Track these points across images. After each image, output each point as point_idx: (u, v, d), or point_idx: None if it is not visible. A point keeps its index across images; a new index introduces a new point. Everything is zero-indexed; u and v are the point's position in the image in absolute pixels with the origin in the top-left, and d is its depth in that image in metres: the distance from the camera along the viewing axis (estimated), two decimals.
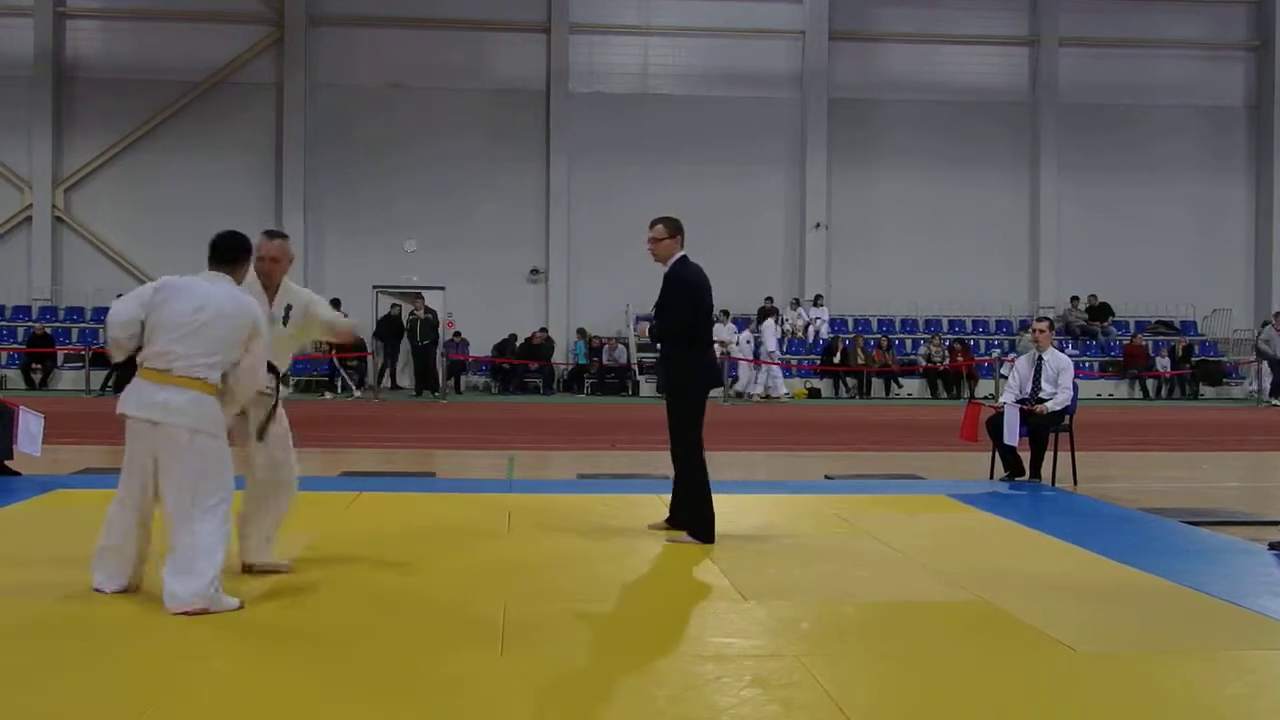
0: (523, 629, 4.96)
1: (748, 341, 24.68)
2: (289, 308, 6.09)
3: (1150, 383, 26.71)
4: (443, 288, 26.30)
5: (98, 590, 5.31)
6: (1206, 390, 26.77)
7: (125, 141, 26.94)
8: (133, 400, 5.22)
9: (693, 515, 7.06)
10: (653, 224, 7.38)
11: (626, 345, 26.25)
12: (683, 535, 7.06)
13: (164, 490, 5.19)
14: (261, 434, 5.84)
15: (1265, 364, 24.68)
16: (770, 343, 24.95)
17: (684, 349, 7.19)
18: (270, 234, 6.08)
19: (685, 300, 7.15)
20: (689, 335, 7.18)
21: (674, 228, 7.31)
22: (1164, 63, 28.39)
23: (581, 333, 26.09)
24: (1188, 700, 4.15)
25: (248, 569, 5.83)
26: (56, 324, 26.08)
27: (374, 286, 26.68)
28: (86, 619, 5.03)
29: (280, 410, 5.95)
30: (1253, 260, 28.72)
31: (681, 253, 7.29)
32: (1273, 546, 6.86)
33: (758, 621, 5.18)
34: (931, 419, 18.66)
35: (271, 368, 5.77)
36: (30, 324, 25.82)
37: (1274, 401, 24.12)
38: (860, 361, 26.00)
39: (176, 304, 5.24)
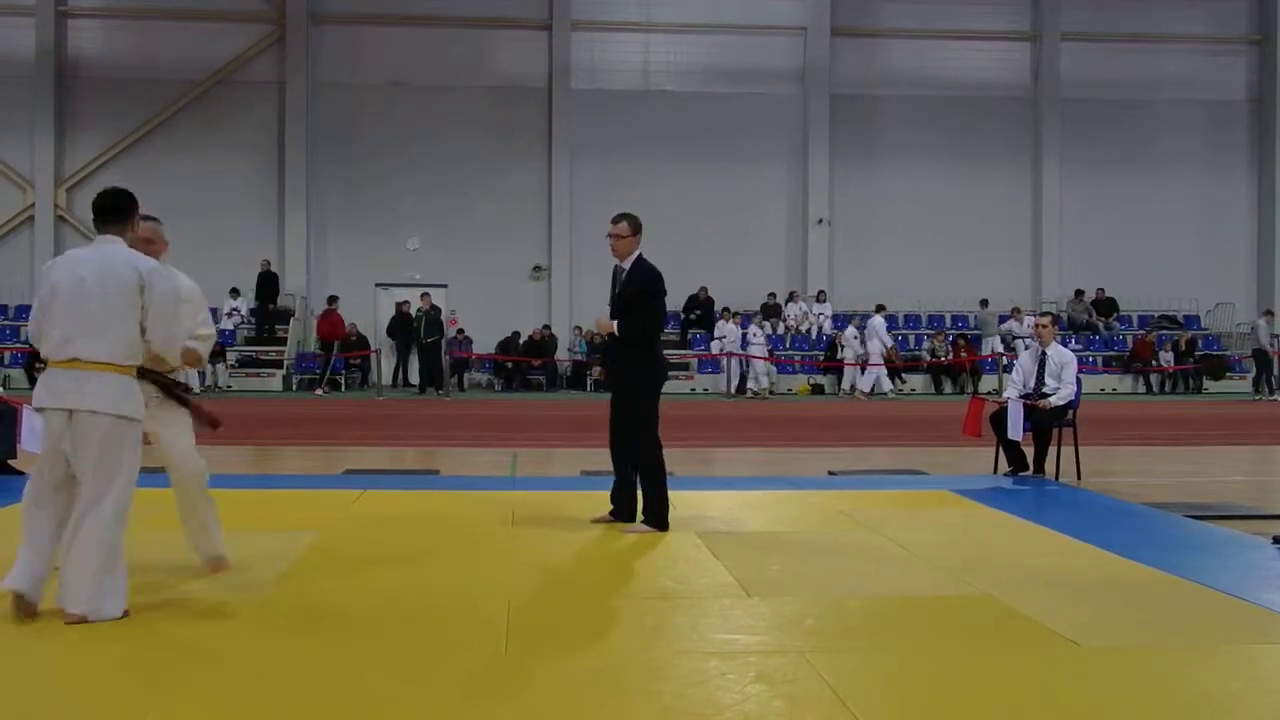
0: (527, 626, 4.96)
1: (753, 336, 24.62)
2: None
3: (1153, 377, 26.68)
4: (445, 285, 26.31)
5: None
6: (1210, 384, 26.69)
7: (127, 141, 26.96)
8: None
9: (654, 506, 7.23)
10: (616, 220, 7.45)
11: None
12: (639, 525, 7.22)
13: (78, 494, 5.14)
14: None
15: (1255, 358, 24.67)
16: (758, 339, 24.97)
17: (647, 348, 7.33)
18: (144, 216, 5.58)
19: (660, 299, 7.34)
20: (657, 334, 7.39)
21: (636, 225, 7.43)
22: (1166, 57, 28.34)
23: (580, 329, 26.12)
24: (1192, 695, 4.14)
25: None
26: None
27: (376, 284, 26.71)
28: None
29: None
30: (1255, 254, 28.69)
31: (640, 250, 7.40)
32: (1277, 540, 6.85)
33: (762, 617, 5.18)
34: (935, 414, 18.65)
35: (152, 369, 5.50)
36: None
37: (1271, 396, 24.07)
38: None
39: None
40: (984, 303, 26.94)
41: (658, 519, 7.20)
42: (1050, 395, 10.08)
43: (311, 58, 27.16)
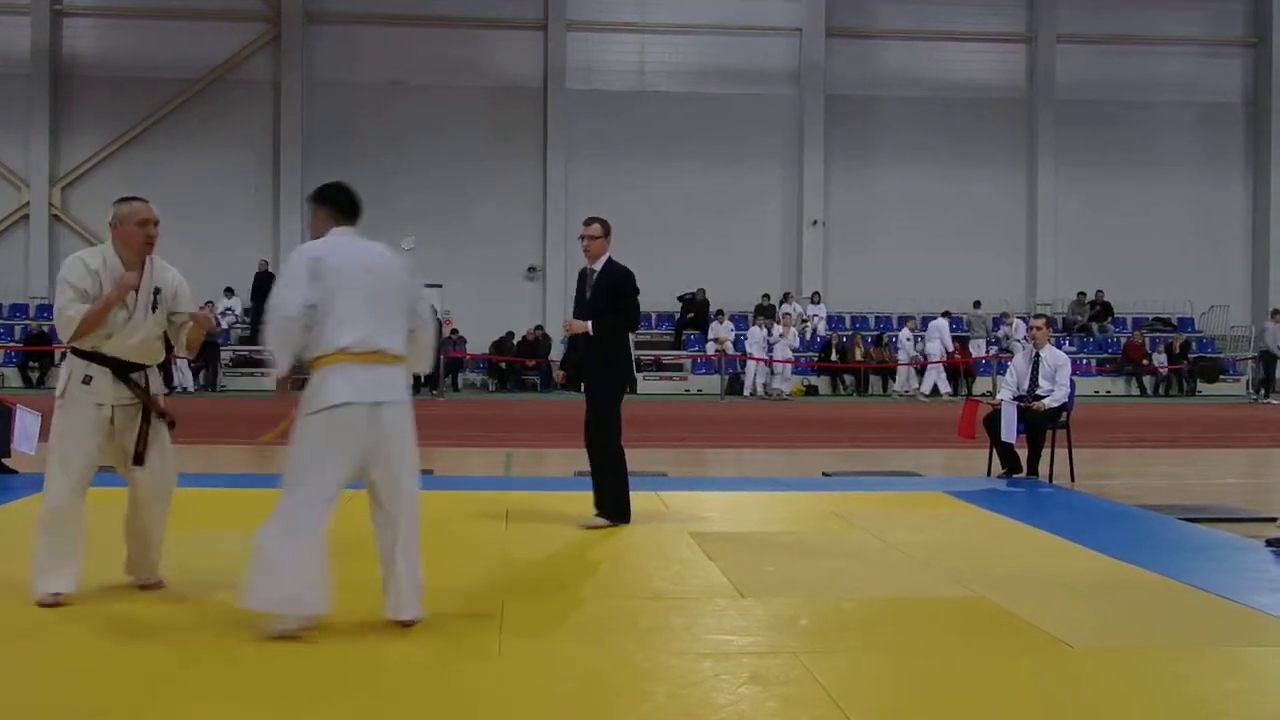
0: (520, 626, 4.96)
1: (774, 338, 24.67)
2: (158, 290, 5.35)
3: (1147, 380, 26.70)
4: (440, 285, 26.26)
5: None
6: (1204, 387, 26.72)
7: (123, 139, 26.95)
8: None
9: (614, 498, 7.38)
10: (589, 222, 7.56)
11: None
12: (595, 518, 7.34)
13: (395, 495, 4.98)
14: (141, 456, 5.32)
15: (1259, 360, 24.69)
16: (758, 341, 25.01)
17: (621, 346, 7.44)
18: (133, 198, 5.35)
19: (635, 298, 7.45)
20: (628, 334, 7.55)
21: (608, 228, 7.55)
22: (1161, 59, 28.34)
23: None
24: (1184, 697, 4.15)
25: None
26: (53, 322, 26.04)
27: None
28: (96, 615, 5.04)
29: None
30: (1250, 256, 28.70)
31: (609, 252, 7.51)
32: (1270, 543, 6.85)
33: (756, 619, 5.18)
34: (929, 416, 18.66)
35: (138, 367, 5.30)
36: (28, 322, 25.81)
37: (1266, 399, 24.15)
38: (857, 358, 26.00)
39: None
40: (977, 304, 26.97)
41: (613, 511, 7.36)
42: (1044, 397, 10.09)
43: (307, 57, 27.16)
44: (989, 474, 10.30)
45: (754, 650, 4.67)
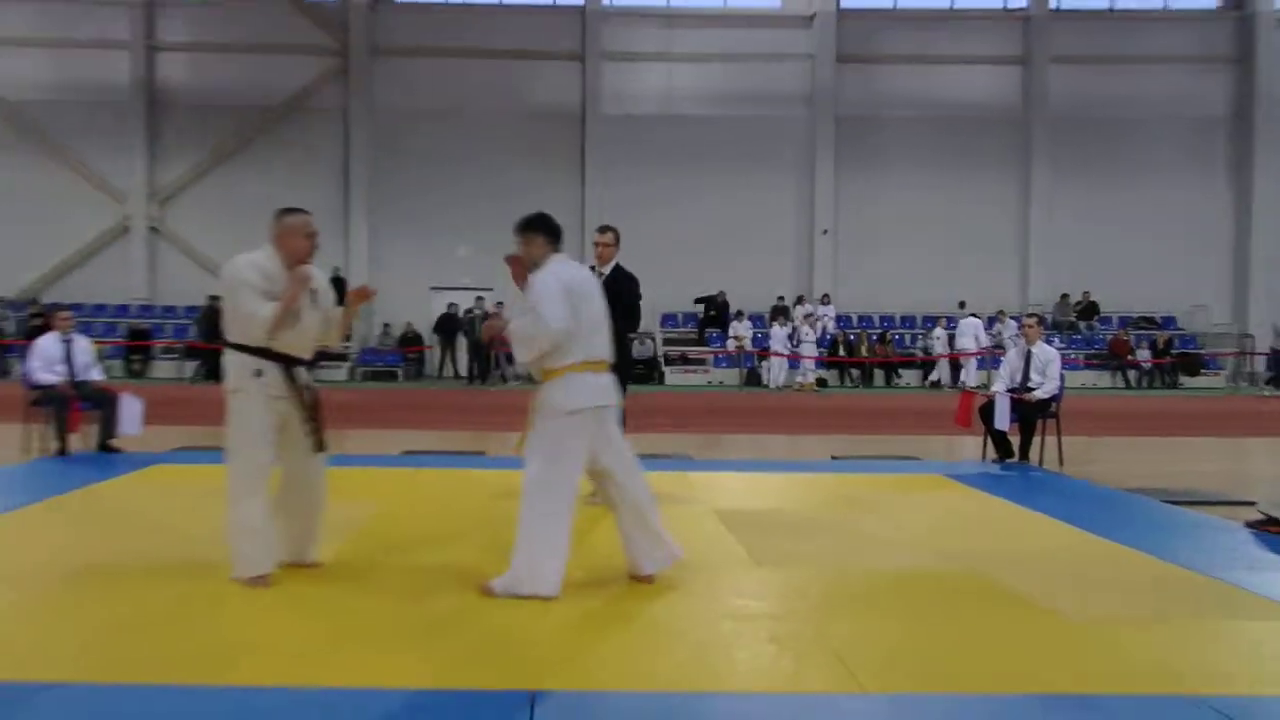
0: (566, 589, 4.94)
1: (805, 335, 24.62)
2: (314, 291, 5.29)
3: (1132, 373, 26.40)
4: (490, 289, 26.32)
5: None
6: (1185, 380, 26.40)
7: (210, 161, 27.18)
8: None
9: None
10: (604, 230, 7.59)
11: (653, 339, 26.18)
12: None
13: (625, 475, 5.08)
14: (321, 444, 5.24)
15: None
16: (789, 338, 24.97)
17: (623, 345, 7.35)
18: (297, 210, 5.27)
19: (639, 304, 7.49)
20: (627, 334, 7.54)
21: (618, 237, 7.61)
22: (1149, 77, 27.87)
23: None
24: (1169, 665, 4.10)
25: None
26: (152, 321, 26.37)
27: (430, 287, 26.75)
28: (177, 573, 5.08)
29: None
30: (1231, 259, 28.20)
31: (618, 259, 7.57)
32: (1249, 524, 6.75)
33: (772, 586, 5.17)
34: (929, 406, 18.54)
35: (299, 361, 5.21)
36: (129, 321, 26.11)
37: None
38: (863, 354, 25.93)
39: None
40: (962, 304, 26.80)
41: None
42: (1035, 389, 10.01)
43: (372, 86, 27.29)
44: (984, 459, 10.23)
45: (770, 614, 4.67)
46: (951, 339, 25.34)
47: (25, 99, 26.83)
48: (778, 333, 24.64)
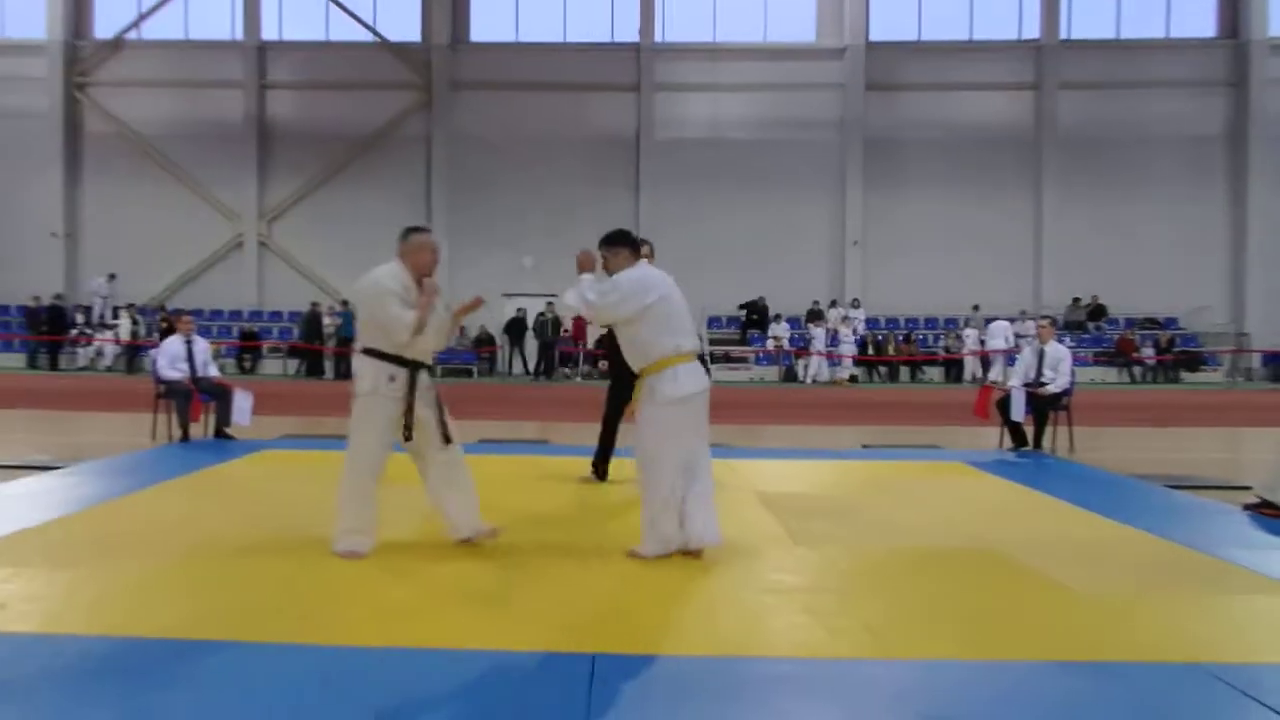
0: (613, 564, 4.95)
1: (844, 337, 24.46)
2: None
3: (1137, 369, 25.89)
4: (555, 295, 26.44)
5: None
6: (1186, 376, 25.86)
7: (311, 184, 27.59)
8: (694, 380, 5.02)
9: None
10: (643, 241, 7.40)
11: (701, 339, 26.14)
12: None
13: (702, 451, 5.11)
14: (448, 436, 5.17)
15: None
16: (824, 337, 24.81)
17: None
18: (421, 228, 5.26)
19: None
20: None
21: (653, 249, 7.33)
22: (1152, 100, 27.30)
23: None
24: (1171, 634, 3.99)
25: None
26: (261, 324, 26.82)
27: (502, 294, 26.92)
28: (284, 543, 5.13)
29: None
30: (1228, 264, 27.57)
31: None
32: (1247, 507, 6.57)
33: (807, 563, 5.10)
34: (949, 399, 18.30)
35: (422, 366, 5.15)
36: (241, 324, 26.59)
37: None
38: (890, 353, 25.67)
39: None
40: (976, 307, 26.46)
41: None
42: (1048, 384, 9.84)
43: (451, 118, 27.51)
44: (1001, 448, 10.06)
45: (805, 588, 4.61)
46: (982, 341, 25.00)
47: (156, 133, 27.44)
48: (818, 333, 24.52)
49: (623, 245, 5.21)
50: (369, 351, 5.03)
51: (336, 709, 3.10)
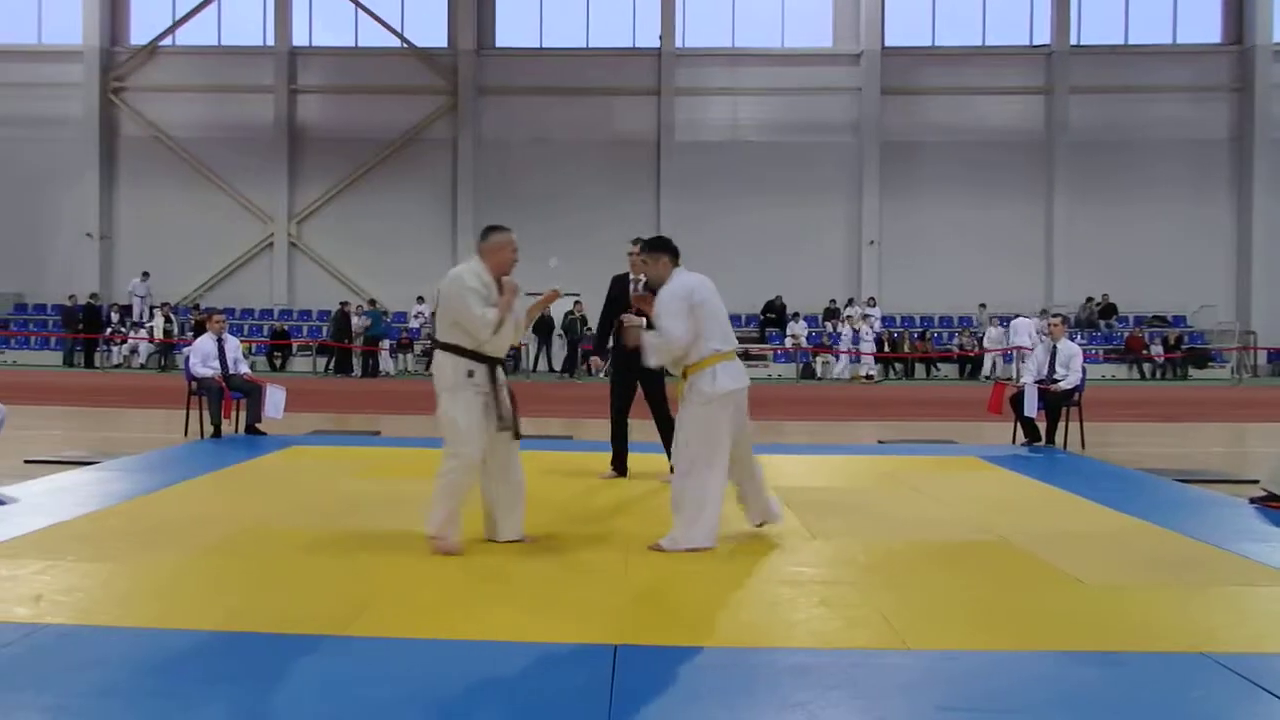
0: (640, 556, 4.97)
1: (865, 334, 24.39)
2: None
3: (1146, 366, 25.70)
4: (578, 295, 26.48)
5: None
6: (1194, 372, 25.66)
7: (339, 187, 27.72)
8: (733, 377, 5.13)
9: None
10: (637, 243, 7.37)
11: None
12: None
13: (744, 443, 5.29)
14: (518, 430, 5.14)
15: None
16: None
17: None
18: (502, 228, 5.26)
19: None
20: None
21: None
22: (1158, 105, 27.13)
23: None
24: (1181, 625, 3.97)
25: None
26: (291, 323, 26.98)
27: (526, 293, 26.80)
28: (315, 537, 5.18)
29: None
30: (1233, 264, 27.38)
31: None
32: (1253, 501, 6.53)
33: (824, 555, 5.11)
34: (964, 396, 18.22)
35: (499, 362, 5.14)
36: (272, 322, 26.76)
37: None
38: (906, 350, 25.55)
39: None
40: (982, 305, 26.34)
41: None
42: (1060, 381, 9.79)
43: (477, 121, 27.58)
44: (1013, 443, 10.02)
45: (823, 580, 4.62)
46: (1005, 337, 24.86)
47: (190, 136, 27.65)
48: (846, 332, 24.43)
49: (664, 252, 5.27)
50: (449, 348, 5.04)
51: (368, 701, 3.11)
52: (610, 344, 7.44)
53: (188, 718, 2.95)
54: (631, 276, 7.44)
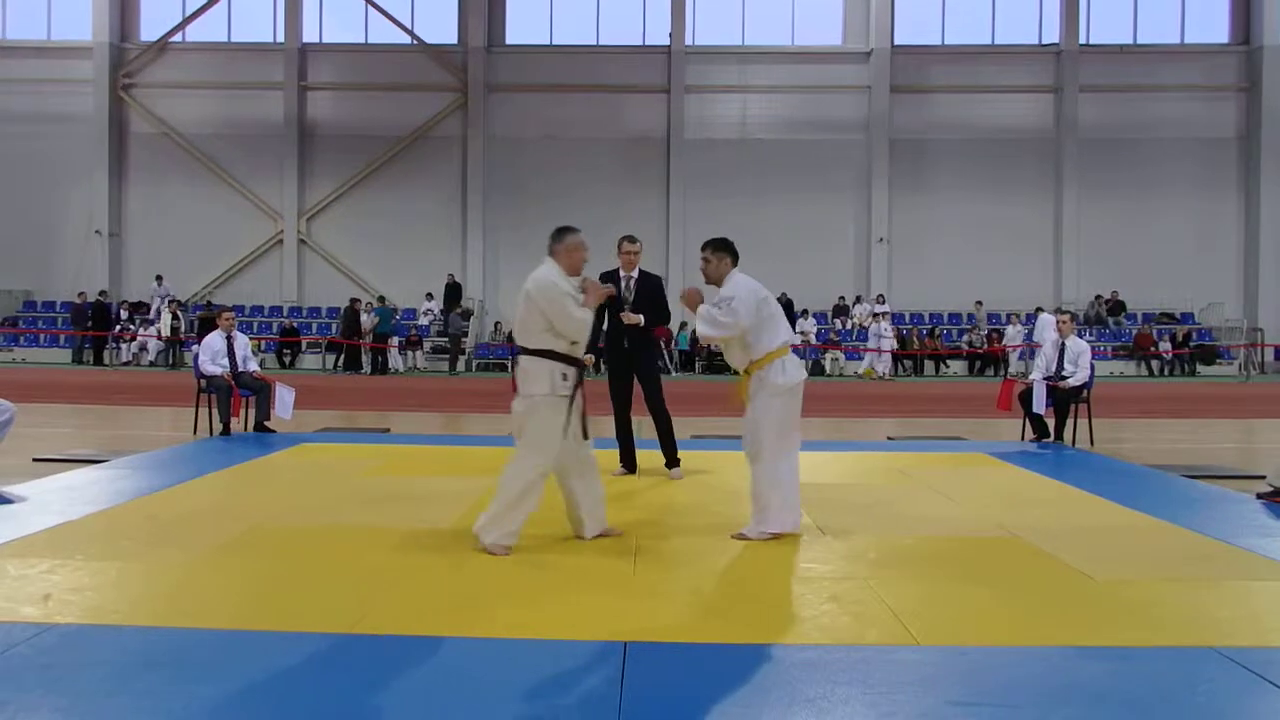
0: (649, 553, 4.99)
1: (884, 331, 24.40)
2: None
3: (1154, 362, 25.64)
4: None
5: None
6: (1202, 369, 25.58)
7: (350, 184, 27.78)
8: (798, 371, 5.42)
9: (675, 451, 7.47)
10: (634, 240, 7.63)
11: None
12: (678, 470, 7.40)
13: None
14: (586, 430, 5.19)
15: None
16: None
17: (649, 335, 7.50)
18: (573, 229, 5.33)
19: (665, 297, 7.58)
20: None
21: (642, 246, 7.67)
22: (1167, 103, 27.09)
23: (683, 325, 26.09)
24: (1189, 619, 3.98)
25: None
26: (300, 320, 27.04)
27: None
28: (323, 535, 5.21)
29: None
30: (1241, 262, 27.34)
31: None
32: (1260, 496, 6.52)
33: (834, 551, 5.11)
34: (973, 393, 18.19)
35: (577, 361, 5.11)
36: (281, 320, 26.83)
37: None
38: (915, 347, 25.51)
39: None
40: (979, 303, 26.33)
41: (675, 459, 7.43)
42: (1069, 377, 9.78)
43: (487, 118, 27.61)
44: (1023, 439, 10.01)
45: (832, 576, 4.62)
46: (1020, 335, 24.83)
47: (199, 133, 27.75)
48: (875, 328, 24.48)
49: (727, 252, 5.53)
50: (540, 353, 4.97)
51: (376, 699, 3.12)
52: (604, 343, 7.45)
53: (198, 717, 2.94)
54: (622, 273, 7.41)
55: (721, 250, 5.50)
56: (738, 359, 5.42)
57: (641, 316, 7.30)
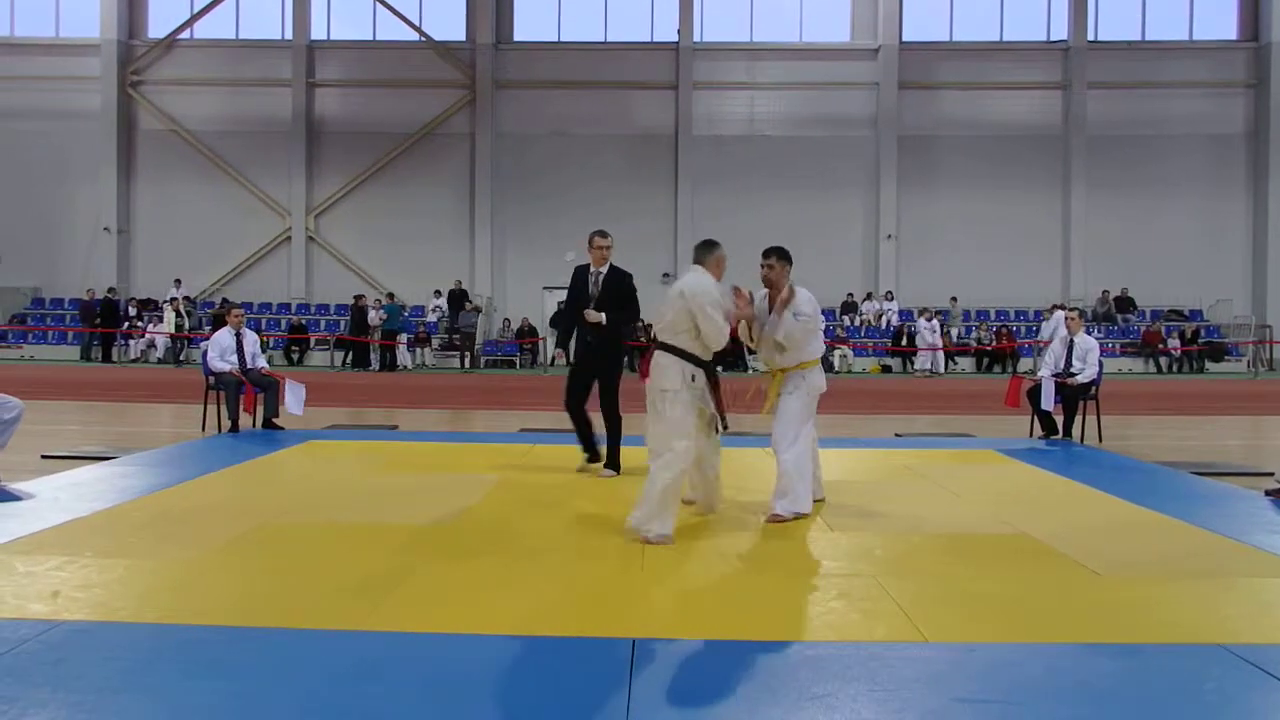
0: (656, 549, 4.99)
1: (927, 329, 24.43)
2: None
3: (1162, 359, 25.55)
4: None
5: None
6: (1210, 366, 25.50)
7: (357, 180, 27.79)
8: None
9: (618, 455, 7.38)
10: (605, 235, 7.52)
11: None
12: (608, 470, 7.32)
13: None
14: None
15: None
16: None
17: (622, 335, 7.49)
18: (717, 242, 5.86)
19: (634, 293, 7.49)
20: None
21: (612, 241, 7.50)
22: (1175, 100, 26.98)
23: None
24: (1197, 617, 3.98)
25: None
26: (309, 317, 27.07)
27: (543, 287, 27.02)
28: (330, 531, 5.22)
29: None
30: (1249, 258, 27.21)
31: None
32: (1268, 493, 6.50)
33: (842, 548, 5.12)
34: (981, 389, 18.15)
35: (706, 362, 5.51)
36: (290, 316, 26.88)
37: None
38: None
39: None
40: (954, 299, 26.33)
41: (617, 463, 7.35)
42: (1077, 374, 9.76)
43: (495, 115, 27.60)
44: (1031, 436, 9.99)
45: (840, 573, 4.62)
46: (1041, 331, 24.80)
47: (207, 130, 27.79)
48: (923, 326, 24.49)
49: (788, 261, 6.04)
50: (674, 350, 5.40)
51: (384, 695, 3.12)
52: (573, 337, 7.43)
53: (205, 713, 2.95)
54: (592, 269, 7.35)
55: (785, 259, 6.01)
56: (776, 360, 5.89)
57: (604, 315, 7.22)
